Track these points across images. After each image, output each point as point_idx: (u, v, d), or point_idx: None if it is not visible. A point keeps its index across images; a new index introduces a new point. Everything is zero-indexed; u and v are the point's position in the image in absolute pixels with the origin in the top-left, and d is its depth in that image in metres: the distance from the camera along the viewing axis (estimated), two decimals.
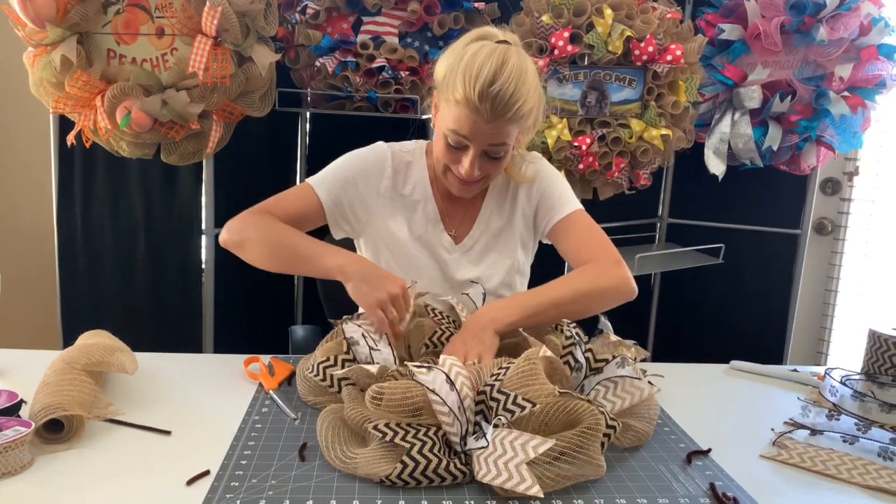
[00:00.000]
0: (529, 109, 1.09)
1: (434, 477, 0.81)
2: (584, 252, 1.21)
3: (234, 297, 2.06)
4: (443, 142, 1.14)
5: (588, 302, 1.15)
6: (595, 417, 0.83)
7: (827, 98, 1.97)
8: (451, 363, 0.89)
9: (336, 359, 1.03)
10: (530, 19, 1.94)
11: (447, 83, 1.10)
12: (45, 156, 1.93)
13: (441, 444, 0.84)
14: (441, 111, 1.15)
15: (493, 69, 1.04)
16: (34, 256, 2.31)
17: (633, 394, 0.94)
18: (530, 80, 1.08)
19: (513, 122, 1.08)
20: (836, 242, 2.50)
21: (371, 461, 0.82)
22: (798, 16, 1.97)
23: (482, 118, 1.06)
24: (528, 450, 0.78)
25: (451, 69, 1.09)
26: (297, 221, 1.21)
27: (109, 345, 1.07)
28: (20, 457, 0.80)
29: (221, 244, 1.21)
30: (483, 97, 1.04)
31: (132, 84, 1.68)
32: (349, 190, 1.23)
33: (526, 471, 0.76)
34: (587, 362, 0.99)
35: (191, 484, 0.80)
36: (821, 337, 2.58)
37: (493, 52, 1.06)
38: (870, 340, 1.19)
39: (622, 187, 2.06)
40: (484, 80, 1.03)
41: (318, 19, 1.95)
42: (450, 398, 0.85)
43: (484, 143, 1.10)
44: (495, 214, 1.29)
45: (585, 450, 0.81)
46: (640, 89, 1.98)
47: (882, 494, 0.86)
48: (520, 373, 0.88)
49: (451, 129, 1.11)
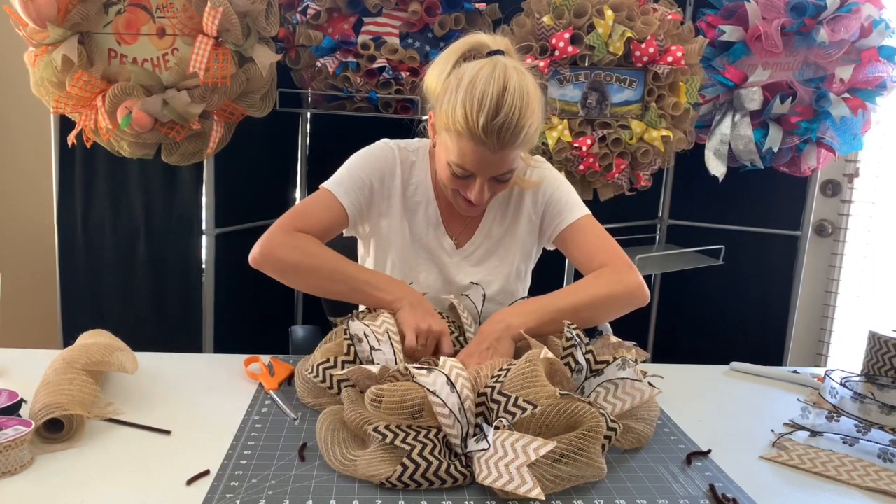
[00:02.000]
0: (535, 130, 1.07)
1: (434, 479, 0.80)
2: (596, 258, 1.20)
3: (235, 297, 2.06)
4: (448, 171, 1.11)
5: (605, 309, 1.14)
6: (596, 420, 0.83)
7: (827, 100, 1.97)
8: (452, 365, 0.89)
9: (336, 360, 1.02)
10: (531, 20, 1.94)
11: (445, 110, 1.06)
12: (45, 155, 1.93)
13: (441, 446, 0.84)
14: (442, 137, 1.11)
15: (496, 97, 1.00)
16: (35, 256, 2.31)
17: (633, 396, 0.94)
18: (534, 100, 1.04)
19: (520, 147, 1.06)
20: (836, 244, 2.50)
21: (371, 463, 0.82)
22: (799, 17, 1.97)
23: (488, 149, 1.04)
24: (528, 452, 0.78)
25: (447, 93, 1.06)
26: (329, 232, 1.19)
27: (109, 344, 1.08)
28: (20, 456, 0.80)
29: (253, 265, 1.15)
30: (488, 130, 1.01)
31: (133, 84, 1.69)
32: (366, 191, 1.21)
33: (527, 473, 0.76)
34: (588, 364, 0.99)
35: (190, 483, 0.80)
36: (821, 338, 2.58)
37: (493, 75, 1.02)
38: (870, 342, 1.19)
39: (622, 188, 2.06)
40: (488, 112, 1.00)
41: (319, 20, 1.95)
42: (450, 400, 0.84)
43: (491, 172, 1.08)
44: (498, 221, 1.27)
45: (586, 452, 0.81)
46: (640, 90, 1.98)
47: (882, 496, 0.86)
48: (520, 375, 0.88)
49: (455, 161, 1.08)
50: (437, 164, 1.16)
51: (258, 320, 2.21)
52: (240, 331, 2.13)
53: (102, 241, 1.96)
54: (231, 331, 2.08)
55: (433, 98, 1.12)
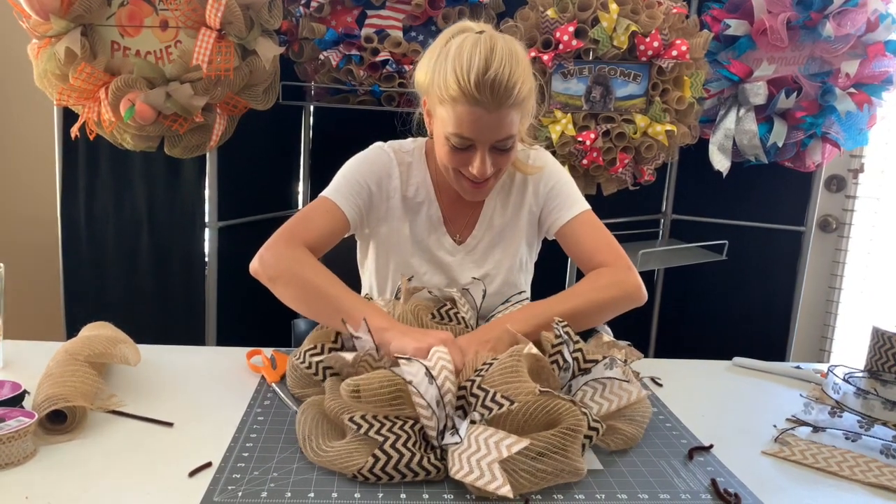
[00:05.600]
0: (528, 91, 1.06)
1: (406, 472, 0.79)
2: (595, 256, 1.19)
3: (237, 290, 2.06)
4: (446, 147, 1.10)
5: (603, 313, 1.13)
6: (576, 418, 0.81)
7: (833, 94, 1.96)
8: (439, 356, 0.88)
9: (322, 347, 1.02)
10: (535, 13, 1.93)
11: (437, 84, 1.06)
12: (48, 148, 1.93)
13: (418, 438, 0.83)
14: (437, 116, 1.10)
15: (485, 56, 1.01)
16: (38, 248, 2.31)
17: (621, 396, 0.93)
18: (522, 61, 1.05)
19: (515, 106, 1.05)
20: (840, 240, 2.50)
21: (344, 455, 0.81)
22: (804, 12, 1.96)
23: (485, 109, 1.03)
24: (501, 448, 0.76)
25: (436, 69, 1.06)
26: (331, 239, 1.18)
27: (112, 336, 1.08)
28: (23, 447, 0.80)
29: (252, 274, 1.14)
30: (481, 86, 1.01)
31: (136, 76, 1.68)
32: (364, 196, 1.20)
33: (498, 469, 0.75)
34: (576, 362, 0.98)
35: (193, 475, 0.80)
36: (824, 334, 2.57)
37: (478, 40, 1.03)
38: (873, 338, 1.19)
39: (626, 183, 2.06)
40: (478, 69, 1.00)
41: (323, 12, 1.95)
42: (429, 393, 0.83)
43: (491, 137, 1.06)
44: (498, 212, 1.27)
45: (564, 451, 0.79)
46: (644, 84, 1.98)
47: (884, 492, 0.86)
48: (502, 369, 0.87)
49: (452, 132, 1.07)
50: (437, 147, 1.15)
51: (261, 313, 2.20)
52: (242, 323, 2.14)
53: (105, 234, 1.96)
54: (233, 323, 2.08)
55: (425, 85, 1.11)
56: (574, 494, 0.80)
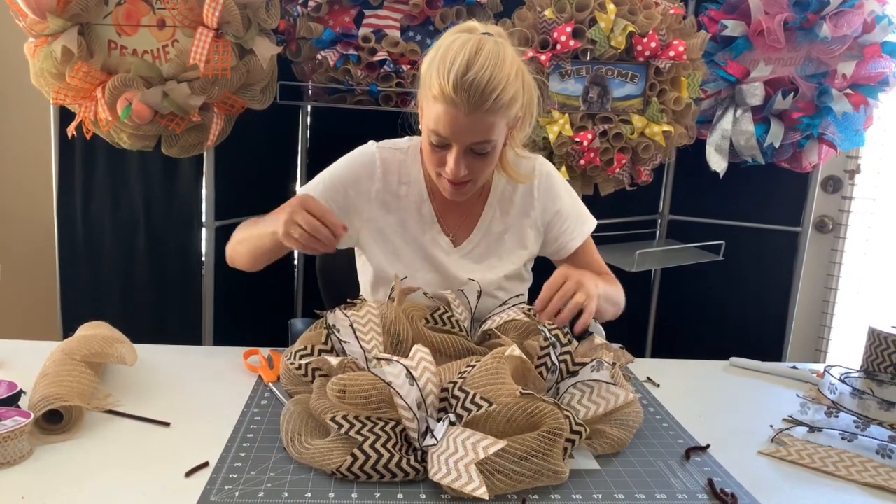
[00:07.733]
0: (511, 98, 1.04)
1: (385, 472, 0.79)
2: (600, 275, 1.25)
3: (234, 290, 2.06)
4: (427, 143, 1.11)
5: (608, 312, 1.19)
6: (558, 421, 0.81)
7: (829, 95, 1.97)
8: (422, 356, 0.88)
9: (313, 348, 1.02)
10: (533, 14, 1.93)
11: (425, 80, 1.07)
12: (45, 147, 1.92)
13: (399, 439, 0.83)
14: (424, 111, 1.11)
15: (467, 58, 1.00)
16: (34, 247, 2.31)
17: (608, 399, 0.93)
18: (508, 67, 1.03)
19: (493, 112, 1.03)
20: (836, 240, 2.50)
21: (323, 453, 0.81)
22: (801, 13, 1.97)
23: (460, 111, 1.02)
24: (478, 450, 0.76)
25: (430, 65, 1.06)
26: None
27: (109, 336, 1.08)
28: (19, 447, 0.80)
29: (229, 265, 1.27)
30: (458, 88, 1.00)
31: (133, 75, 1.68)
32: (339, 198, 1.21)
33: (474, 471, 0.75)
34: (564, 365, 0.98)
35: (190, 475, 0.80)
36: (820, 334, 2.58)
37: (468, 41, 1.02)
38: (869, 338, 1.19)
39: (623, 183, 2.06)
40: (458, 70, 1.00)
41: (320, 12, 1.94)
42: (410, 395, 0.83)
43: (466, 140, 1.06)
44: (498, 219, 1.26)
45: (545, 454, 0.79)
46: (642, 85, 1.98)
47: (880, 492, 0.86)
48: (484, 370, 0.87)
49: (431, 128, 1.07)
50: (423, 142, 1.15)
51: (257, 313, 2.21)
52: (239, 323, 2.13)
53: (102, 233, 1.95)
54: (230, 323, 2.08)
55: (420, 80, 1.12)
56: (571, 494, 0.80)
